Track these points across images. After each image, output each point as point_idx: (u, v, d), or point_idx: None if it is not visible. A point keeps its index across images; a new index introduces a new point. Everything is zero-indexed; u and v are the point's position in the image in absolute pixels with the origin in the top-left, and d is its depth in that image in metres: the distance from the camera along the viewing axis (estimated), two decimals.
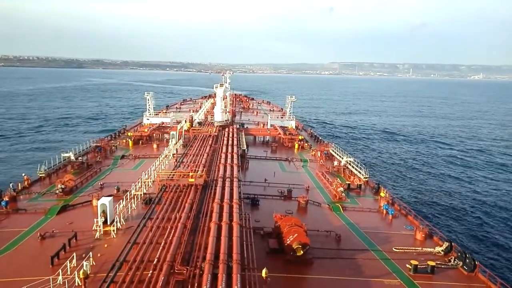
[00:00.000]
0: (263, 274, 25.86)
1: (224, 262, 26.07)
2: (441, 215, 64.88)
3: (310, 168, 65.58)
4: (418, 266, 31.50)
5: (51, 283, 26.49)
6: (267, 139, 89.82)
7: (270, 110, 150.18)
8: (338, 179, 56.06)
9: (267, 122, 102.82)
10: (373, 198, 51.43)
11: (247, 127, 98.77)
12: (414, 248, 36.06)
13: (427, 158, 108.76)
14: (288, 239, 32.00)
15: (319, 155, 72.60)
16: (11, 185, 47.96)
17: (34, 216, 40.37)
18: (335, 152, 71.02)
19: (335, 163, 65.82)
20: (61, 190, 46.99)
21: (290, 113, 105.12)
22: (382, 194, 50.64)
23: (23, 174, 52.94)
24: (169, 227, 33.24)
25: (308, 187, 53.26)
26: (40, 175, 53.91)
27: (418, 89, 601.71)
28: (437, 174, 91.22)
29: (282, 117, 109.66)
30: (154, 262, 27.01)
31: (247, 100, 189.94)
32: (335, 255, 33.81)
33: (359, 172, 59.33)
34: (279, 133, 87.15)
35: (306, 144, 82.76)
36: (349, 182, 55.65)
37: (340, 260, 33.01)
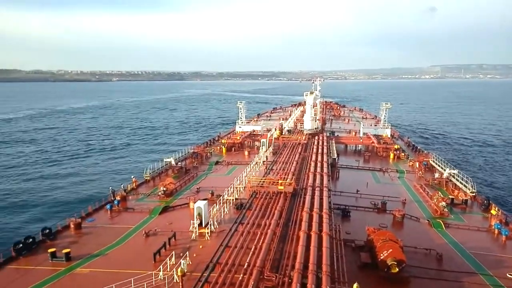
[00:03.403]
0: None
1: (314, 273, 25.62)
2: None
3: (407, 179, 61.23)
4: None
5: (153, 277, 28.93)
6: (359, 148, 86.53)
7: (362, 118, 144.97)
8: (439, 192, 51.34)
9: (360, 130, 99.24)
10: (481, 216, 45.81)
11: (338, 135, 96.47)
12: None
13: None
14: (381, 254, 30.16)
15: (417, 166, 67.43)
16: (122, 186, 54.00)
17: (140, 215, 44.72)
18: (436, 163, 65.30)
19: (436, 175, 60.44)
20: (163, 192, 51.41)
21: (385, 120, 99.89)
22: (493, 211, 44.83)
23: (132, 177, 59.13)
24: (259, 233, 33.96)
25: (405, 200, 49.75)
26: (146, 177, 59.62)
27: None
28: None
29: (376, 125, 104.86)
30: (245, 267, 27.77)
31: (338, 107, 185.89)
32: (436, 276, 30.79)
33: (465, 186, 53.57)
34: (373, 142, 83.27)
35: (403, 154, 77.61)
36: (452, 197, 50.62)
37: (442, 282, 29.97)
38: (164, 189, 51.83)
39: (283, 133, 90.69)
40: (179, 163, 68.17)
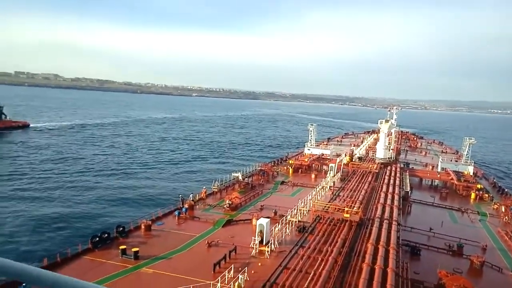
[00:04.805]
0: None
1: None
2: None
3: (490, 224, 55.41)
4: None
5: None
6: (435, 183, 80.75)
7: (442, 152, 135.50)
8: None
9: (437, 165, 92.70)
10: None
11: (412, 167, 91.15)
12: None
13: None
14: None
15: (503, 210, 60.88)
16: (191, 195, 56.45)
17: (205, 225, 46.20)
18: None
19: None
20: (228, 206, 52.70)
21: (468, 157, 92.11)
22: None
23: (203, 187, 61.61)
24: (319, 259, 33.05)
25: (486, 246, 44.97)
26: (214, 189, 61.70)
27: None
28: None
29: (456, 161, 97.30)
30: None
31: (415, 138, 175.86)
32: None
33: None
34: (452, 178, 77.16)
35: (486, 195, 70.63)
36: None
37: None
38: (230, 202, 53.10)
39: (354, 160, 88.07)
40: (246, 178, 69.49)
